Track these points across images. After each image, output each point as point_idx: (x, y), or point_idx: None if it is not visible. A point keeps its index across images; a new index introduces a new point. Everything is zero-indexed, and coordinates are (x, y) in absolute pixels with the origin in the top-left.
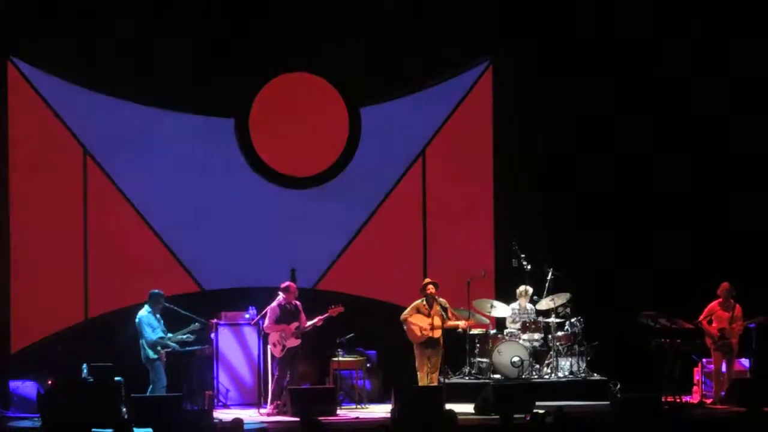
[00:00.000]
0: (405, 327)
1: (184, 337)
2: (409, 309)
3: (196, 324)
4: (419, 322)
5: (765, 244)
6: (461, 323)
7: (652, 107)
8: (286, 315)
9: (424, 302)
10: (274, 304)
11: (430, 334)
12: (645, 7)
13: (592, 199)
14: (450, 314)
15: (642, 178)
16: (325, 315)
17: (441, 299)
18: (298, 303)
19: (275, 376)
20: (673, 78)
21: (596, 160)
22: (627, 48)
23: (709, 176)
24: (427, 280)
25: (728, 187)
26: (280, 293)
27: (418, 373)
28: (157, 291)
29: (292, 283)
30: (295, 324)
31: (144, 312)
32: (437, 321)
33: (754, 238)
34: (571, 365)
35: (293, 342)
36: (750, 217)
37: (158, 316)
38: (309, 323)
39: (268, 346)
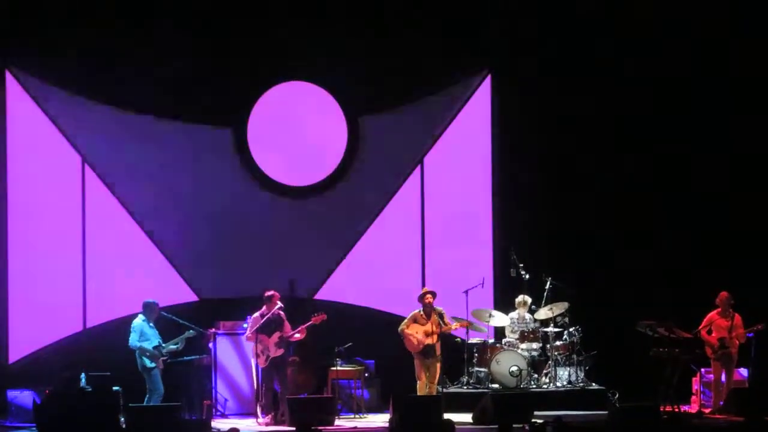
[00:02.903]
0: (403, 338)
1: (175, 347)
2: (406, 320)
3: (191, 332)
4: (416, 333)
5: (764, 248)
6: (454, 325)
7: (652, 108)
8: (268, 325)
9: (422, 312)
10: (257, 314)
11: (426, 341)
12: (644, 7)
13: (590, 209)
14: (447, 320)
15: (642, 181)
16: (308, 323)
17: (438, 308)
18: (281, 313)
19: (263, 387)
20: (674, 76)
21: (595, 170)
22: (626, 53)
23: (709, 177)
24: (426, 289)
25: (729, 188)
26: (277, 301)
27: (417, 382)
28: (151, 300)
29: (275, 293)
30: (277, 335)
31: (138, 320)
32: (433, 327)
33: (755, 241)
34: (570, 374)
35: (277, 352)
36: (750, 220)
37: (152, 324)
38: (292, 332)
39: (252, 358)
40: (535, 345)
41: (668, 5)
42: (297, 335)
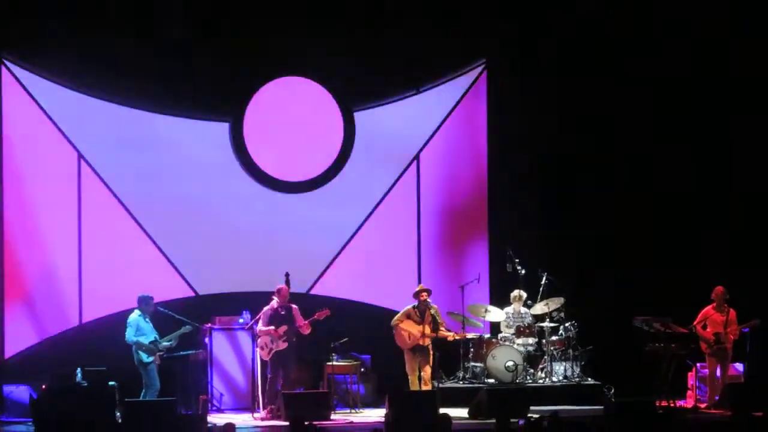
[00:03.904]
0: (394, 332)
1: (169, 343)
2: (400, 314)
3: (188, 327)
4: (409, 329)
5: (763, 245)
6: (450, 335)
7: (652, 107)
8: (276, 318)
9: (416, 308)
10: (267, 307)
11: (420, 342)
12: (644, 7)
13: (587, 203)
14: (440, 320)
15: (640, 176)
16: (312, 319)
17: (433, 306)
18: (293, 306)
19: (268, 379)
20: (674, 77)
21: (592, 164)
22: (625, 47)
23: (709, 175)
24: (421, 286)
25: (728, 187)
26: (274, 296)
27: (409, 377)
28: (146, 294)
29: (283, 286)
30: (283, 328)
31: (134, 315)
32: (428, 330)
33: (754, 239)
34: (565, 369)
35: (281, 345)
36: (749, 217)
37: (148, 319)
38: (300, 325)
39: (257, 350)
40: (530, 340)
41: (668, 5)
42: (303, 329)
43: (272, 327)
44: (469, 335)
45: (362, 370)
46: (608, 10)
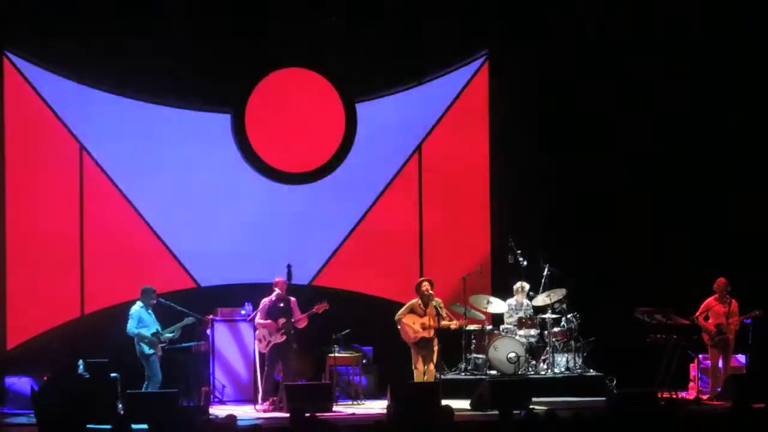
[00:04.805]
0: (399, 327)
1: (171, 335)
2: (403, 309)
3: (189, 318)
4: (413, 323)
5: (762, 242)
6: (453, 324)
7: (652, 107)
8: (275, 311)
9: (420, 302)
10: (266, 299)
11: (424, 335)
12: (642, 4)
13: (589, 196)
14: (444, 314)
15: (641, 175)
16: (310, 312)
17: (436, 298)
18: (291, 299)
19: (265, 372)
20: (673, 76)
21: (594, 157)
22: (625, 47)
23: (709, 174)
24: (423, 278)
25: (728, 186)
26: (275, 288)
27: (414, 371)
28: (148, 286)
29: (281, 279)
30: (282, 320)
31: (136, 307)
32: (431, 321)
33: (753, 234)
34: (567, 361)
35: (278, 338)
36: (749, 215)
37: (150, 311)
38: (296, 319)
39: (255, 342)
40: (533, 331)
41: (668, 5)
42: (299, 322)
43: (270, 320)
44: (471, 326)
45: (364, 361)
46: (608, 10)
